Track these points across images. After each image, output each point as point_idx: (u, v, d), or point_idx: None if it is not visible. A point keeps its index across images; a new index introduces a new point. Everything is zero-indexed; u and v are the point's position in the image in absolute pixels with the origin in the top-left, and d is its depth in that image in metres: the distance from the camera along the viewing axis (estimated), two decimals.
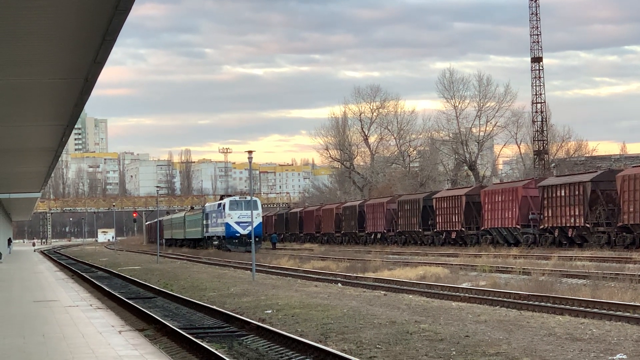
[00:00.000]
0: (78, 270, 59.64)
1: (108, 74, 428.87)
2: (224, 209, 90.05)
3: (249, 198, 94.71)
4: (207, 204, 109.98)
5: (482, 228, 70.11)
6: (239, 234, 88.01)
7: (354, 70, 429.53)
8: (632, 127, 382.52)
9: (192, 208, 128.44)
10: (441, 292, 31.73)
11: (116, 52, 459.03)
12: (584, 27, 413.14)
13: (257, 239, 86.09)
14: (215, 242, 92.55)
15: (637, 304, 24.00)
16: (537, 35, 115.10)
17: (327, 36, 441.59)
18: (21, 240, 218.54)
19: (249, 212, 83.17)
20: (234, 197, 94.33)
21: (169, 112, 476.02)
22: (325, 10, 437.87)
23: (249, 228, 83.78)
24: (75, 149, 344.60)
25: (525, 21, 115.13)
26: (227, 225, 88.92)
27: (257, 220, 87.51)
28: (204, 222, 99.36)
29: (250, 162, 44.18)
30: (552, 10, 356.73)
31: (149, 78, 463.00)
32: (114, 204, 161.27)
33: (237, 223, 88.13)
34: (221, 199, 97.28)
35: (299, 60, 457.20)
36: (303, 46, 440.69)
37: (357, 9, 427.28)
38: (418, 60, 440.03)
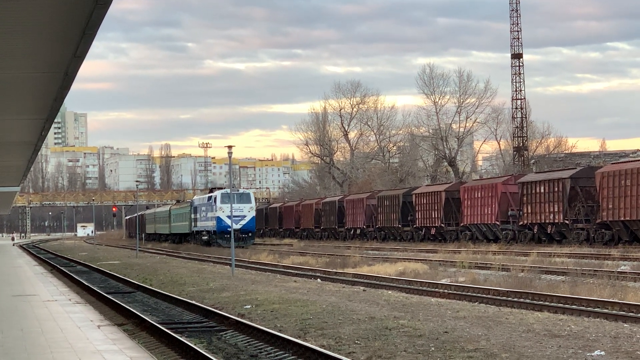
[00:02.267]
0: (57, 264, 59.43)
1: (89, 67, 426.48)
2: (215, 202, 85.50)
3: (241, 191, 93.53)
4: (195, 197, 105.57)
5: (462, 224, 70.24)
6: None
7: (336, 65, 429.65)
8: (613, 124, 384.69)
9: (177, 202, 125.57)
10: (420, 288, 31.79)
11: (97, 46, 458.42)
12: (566, 24, 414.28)
13: (250, 235, 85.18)
14: (205, 237, 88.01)
15: (616, 301, 24.10)
16: (518, 31, 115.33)
17: (309, 31, 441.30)
18: (0, 235, 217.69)
19: (242, 205, 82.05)
20: (225, 190, 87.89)
21: (150, 107, 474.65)
22: (308, 5, 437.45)
23: (242, 222, 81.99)
24: (55, 143, 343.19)
25: (507, 17, 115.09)
26: (219, 220, 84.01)
27: (251, 214, 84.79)
28: (192, 216, 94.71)
29: (230, 157, 44.15)
30: (535, 6, 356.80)
31: (130, 72, 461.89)
32: (93, 198, 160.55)
33: (230, 217, 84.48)
34: (211, 191, 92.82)
35: (281, 55, 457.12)
36: (285, 41, 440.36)
37: (339, 4, 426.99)
38: (400, 55, 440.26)
